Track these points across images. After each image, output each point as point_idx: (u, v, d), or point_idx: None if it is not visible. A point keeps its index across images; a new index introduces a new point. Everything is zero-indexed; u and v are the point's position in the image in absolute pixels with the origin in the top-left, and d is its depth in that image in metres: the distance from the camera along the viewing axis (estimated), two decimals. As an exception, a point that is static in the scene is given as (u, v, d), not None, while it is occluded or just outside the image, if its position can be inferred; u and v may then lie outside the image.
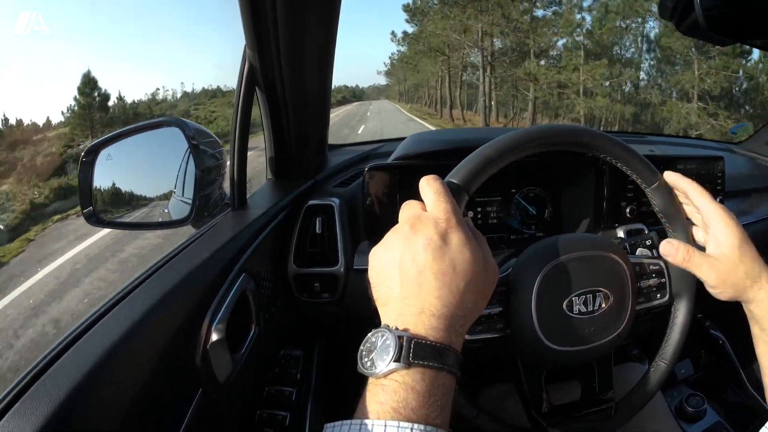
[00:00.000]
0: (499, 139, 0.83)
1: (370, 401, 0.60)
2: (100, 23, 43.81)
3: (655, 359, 1.02)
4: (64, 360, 0.68)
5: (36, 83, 32.33)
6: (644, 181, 0.94)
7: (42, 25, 19.51)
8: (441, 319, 0.64)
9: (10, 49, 27.33)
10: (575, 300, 0.87)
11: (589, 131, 0.91)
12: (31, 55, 29.51)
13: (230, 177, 1.24)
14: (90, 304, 5.95)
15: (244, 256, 1.07)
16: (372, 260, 0.71)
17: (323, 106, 1.36)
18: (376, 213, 1.29)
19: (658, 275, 0.99)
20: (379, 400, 0.59)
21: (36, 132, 20.73)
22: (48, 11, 36.58)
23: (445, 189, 0.72)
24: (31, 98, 35.47)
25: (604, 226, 1.42)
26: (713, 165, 1.56)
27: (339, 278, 1.32)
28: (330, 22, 1.10)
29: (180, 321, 0.85)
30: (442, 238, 0.67)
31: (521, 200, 1.48)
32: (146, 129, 1.15)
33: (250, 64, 1.19)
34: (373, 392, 0.61)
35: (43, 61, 31.40)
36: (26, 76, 31.01)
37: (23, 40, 23.66)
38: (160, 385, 0.79)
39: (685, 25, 0.95)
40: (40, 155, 17.65)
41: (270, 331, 1.20)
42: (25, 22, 18.12)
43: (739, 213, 1.79)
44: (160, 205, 1.24)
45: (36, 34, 20.74)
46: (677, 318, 1.00)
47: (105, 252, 7.84)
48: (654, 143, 2.17)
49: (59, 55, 37.24)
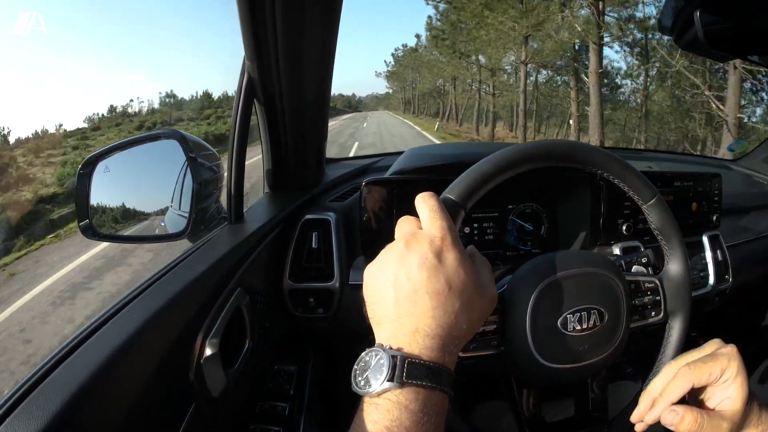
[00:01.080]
0: (496, 155, 0.83)
1: (364, 420, 0.60)
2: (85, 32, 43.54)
3: (649, 377, 1.02)
4: (58, 373, 0.68)
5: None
6: (641, 198, 0.94)
7: (42, 25, 19.57)
8: (435, 339, 0.64)
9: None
10: (570, 317, 0.87)
11: (586, 147, 0.91)
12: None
13: (227, 190, 1.24)
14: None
15: (239, 270, 1.07)
16: (367, 278, 0.71)
17: (321, 118, 1.36)
18: (373, 228, 1.28)
19: (653, 293, 0.99)
20: (372, 419, 0.59)
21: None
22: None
23: (440, 206, 0.72)
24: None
25: (600, 243, 1.42)
26: (710, 182, 1.56)
27: (334, 293, 1.32)
28: (329, 34, 1.11)
29: (175, 335, 0.85)
30: (437, 256, 0.67)
31: (518, 216, 1.48)
32: (144, 141, 1.15)
33: (249, 76, 1.19)
34: (366, 411, 0.61)
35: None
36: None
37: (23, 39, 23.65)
38: (154, 400, 0.78)
39: (684, 41, 0.95)
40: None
41: (264, 345, 1.19)
42: (25, 22, 18.18)
43: (737, 230, 1.80)
44: (157, 219, 1.24)
45: (36, 34, 20.80)
46: (672, 336, 1.00)
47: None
48: (651, 159, 2.18)
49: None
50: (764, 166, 2.19)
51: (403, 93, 44.91)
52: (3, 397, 0.65)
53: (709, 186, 1.56)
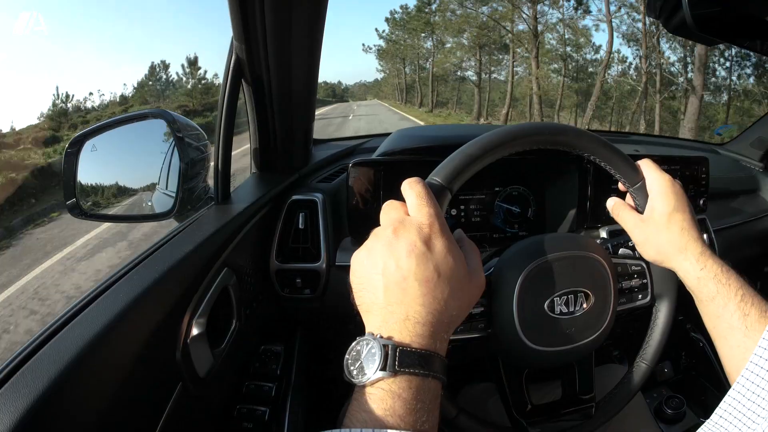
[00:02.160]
0: (482, 137, 0.82)
1: (357, 410, 0.60)
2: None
3: (636, 360, 1.02)
4: (43, 353, 0.68)
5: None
6: (628, 181, 0.94)
7: (42, 25, 19.33)
8: (426, 326, 0.64)
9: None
10: (557, 300, 0.87)
11: (574, 129, 0.90)
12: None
13: (214, 170, 1.24)
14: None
15: (226, 250, 1.07)
16: (354, 265, 0.70)
17: (309, 99, 1.36)
18: (360, 209, 1.27)
19: (640, 276, 1.00)
20: (365, 409, 0.59)
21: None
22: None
23: (428, 192, 0.71)
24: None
25: (587, 226, 1.42)
26: (698, 166, 1.57)
27: (321, 274, 1.32)
28: (318, 12, 1.10)
29: (161, 315, 0.85)
30: (426, 243, 0.66)
31: (504, 199, 1.48)
32: (132, 120, 1.14)
33: (237, 57, 1.18)
34: (359, 401, 0.61)
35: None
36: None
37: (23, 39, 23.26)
38: (140, 379, 0.78)
39: (672, 24, 0.94)
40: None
41: (251, 326, 1.20)
42: (25, 22, 17.97)
43: (726, 214, 1.81)
44: (143, 198, 1.23)
45: (36, 35, 20.50)
46: (658, 319, 1.01)
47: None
48: (638, 143, 2.18)
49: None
50: (751, 150, 2.20)
51: (401, 77, 32.50)
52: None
53: (697, 170, 1.56)
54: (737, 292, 0.83)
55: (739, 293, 0.82)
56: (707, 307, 0.86)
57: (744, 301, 0.82)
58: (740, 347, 0.80)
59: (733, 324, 0.81)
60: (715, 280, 0.84)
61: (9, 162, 13.82)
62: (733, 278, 0.84)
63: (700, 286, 0.86)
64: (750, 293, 0.83)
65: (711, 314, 0.85)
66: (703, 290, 0.85)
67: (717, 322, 0.84)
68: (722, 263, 0.86)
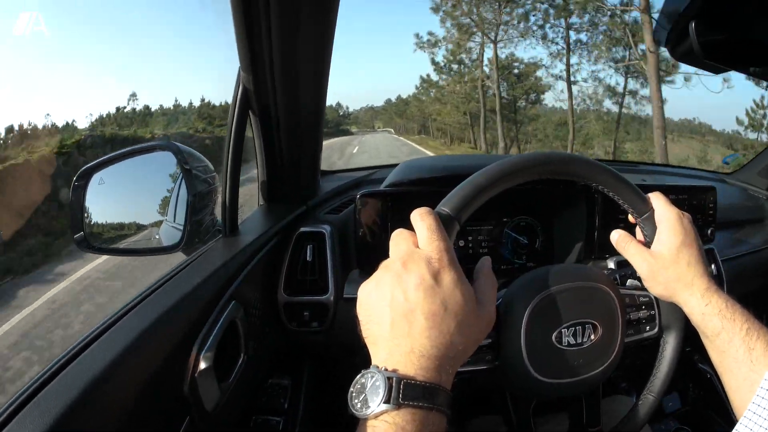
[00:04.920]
0: (491, 167, 0.82)
1: None
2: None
3: (643, 392, 1.01)
4: (52, 386, 0.67)
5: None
6: (636, 211, 0.93)
7: (42, 25, 19.54)
8: (430, 359, 0.64)
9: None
10: (564, 332, 0.87)
11: (582, 159, 0.90)
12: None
13: (222, 202, 1.24)
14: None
15: (234, 283, 1.07)
16: (362, 296, 0.70)
17: (316, 130, 1.36)
18: (368, 241, 1.28)
19: (648, 307, 0.99)
20: None
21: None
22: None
23: (438, 225, 0.71)
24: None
25: (594, 256, 1.42)
26: (705, 195, 1.56)
27: (329, 307, 1.31)
28: (324, 45, 1.11)
29: (169, 349, 0.84)
30: (434, 277, 0.66)
31: (512, 229, 1.48)
32: (139, 153, 1.14)
33: (244, 87, 1.19)
34: None
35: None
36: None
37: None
38: (148, 413, 0.78)
39: (679, 52, 0.95)
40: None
41: (258, 359, 1.19)
42: (25, 22, 18.17)
43: (733, 243, 1.80)
44: (151, 231, 1.23)
45: (36, 35, 20.69)
46: (666, 351, 1.00)
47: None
48: (646, 173, 2.18)
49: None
50: (759, 179, 2.19)
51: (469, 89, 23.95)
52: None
53: (704, 199, 1.56)
54: (742, 326, 0.82)
55: (744, 327, 0.82)
56: (713, 342, 0.85)
57: (749, 335, 0.81)
58: (746, 380, 0.79)
59: (739, 358, 0.81)
60: (720, 316, 0.84)
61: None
62: (738, 312, 0.84)
63: (705, 321, 0.85)
64: (756, 327, 0.82)
65: (716, 349, 0.85)
66: (708, 326, 0.85)
67: (723, 357, 0.84)
68: (728, 298, 0.86)
